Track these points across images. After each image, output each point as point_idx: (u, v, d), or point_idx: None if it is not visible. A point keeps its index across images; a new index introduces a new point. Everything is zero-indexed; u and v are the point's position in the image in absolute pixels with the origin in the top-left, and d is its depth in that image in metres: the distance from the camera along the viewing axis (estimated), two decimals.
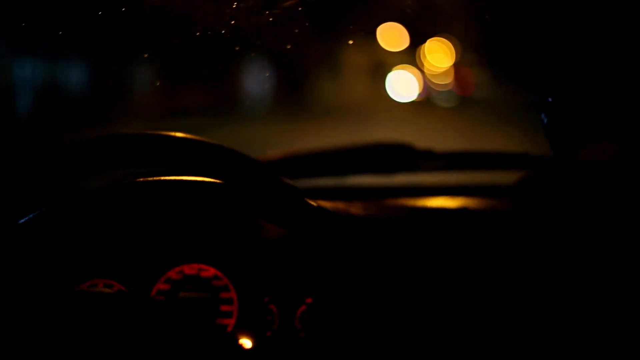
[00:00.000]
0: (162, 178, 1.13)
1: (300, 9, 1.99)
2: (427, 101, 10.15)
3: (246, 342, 1.14)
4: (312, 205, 1.07)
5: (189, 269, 1.14)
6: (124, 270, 1.15)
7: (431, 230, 1.20)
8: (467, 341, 1.11)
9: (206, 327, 1.09)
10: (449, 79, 8.59)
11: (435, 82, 8.99)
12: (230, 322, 1.13)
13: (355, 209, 1.25)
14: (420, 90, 9.01)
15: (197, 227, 1.18)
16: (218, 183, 1.06)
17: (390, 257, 1.18)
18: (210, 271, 1.14)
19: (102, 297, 1.06)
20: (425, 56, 7.76)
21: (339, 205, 1.24)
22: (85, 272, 1.14)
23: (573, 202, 1.23)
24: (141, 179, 1.16)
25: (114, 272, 1.15)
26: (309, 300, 1.12)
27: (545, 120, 1.18)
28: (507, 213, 1.24)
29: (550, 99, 1.17)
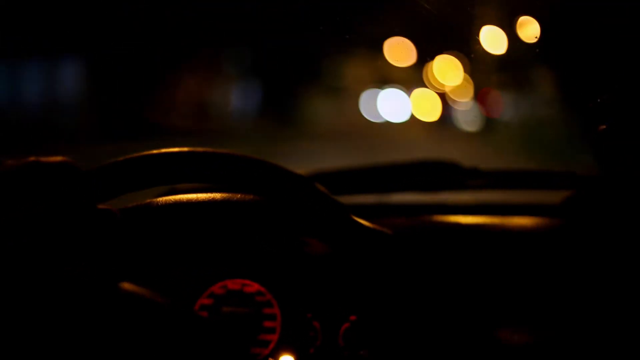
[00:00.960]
0: (206, 195, 1.25)
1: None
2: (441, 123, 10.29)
3: (289, 359, 1.25)
4: (359, 222, 1.17)
5: (233, 284, 1.26)
6: (167, 284, 1.26)
7: (476, 249, 1.31)
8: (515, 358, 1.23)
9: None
10: (469, 97, 8.67)
11: (456, 99, 9.03)
12: (273, 338, 1.23)
13: (400, 226, 1.36)
14: (436, 109, 9.13)
15: (241, 243, 1.30)
16: (263, 199, 1.18)
17: (434, 275, 1.29)
18: (253, 286, 1.26)
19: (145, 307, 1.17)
20: (433, 73, 7.94)
21: (384, 222, 1.31)
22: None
23: (620, 221, 1.30)
24: (185, 195, 1.28)
25: (157, 285, 1.22)
26: (352, 317, 1.22)
27: (593, 140, 1.33)
28: (553, 232, 1.34)
29: (598, 119, 1.33)
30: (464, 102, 8.69)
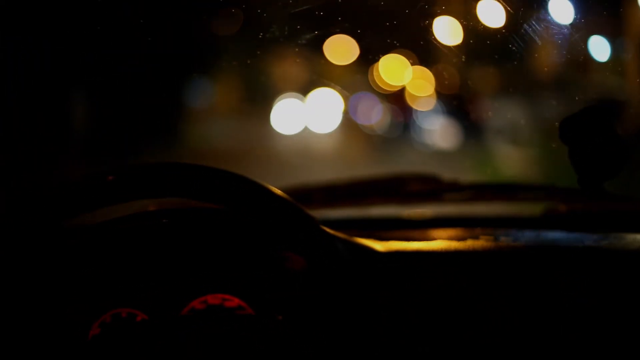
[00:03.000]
0: (183, 209, 1.51)
1: None
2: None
3: None
4: (329, 233, 1.37)
5: (213, 299, 1.48)
6: (147, 299, 1.47)
7: (454, 262, 1.52)
8: None
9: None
10: (429, 92, 8.36)
11: (417, 94, 8.64)
12: None
13: (379, 239, 1.56)
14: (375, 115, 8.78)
15: (221, 257, 1.50)
16: (237, 213, 1.45)
17: (413, 289, 1.49)
18: (234, 301, 1.48)
19: (126, 326, 1.45)
20: (379, 73, 8.09)
21: (362, 235, 1.54)
22: (109, 301, 1.47)
23: (599, 233, 1.53)
24: (163, 209, 1.54)
25: (137, 301, 1.47)
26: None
27: (572, 152, 1.49)
28: (532, 244, 1.56)
29: (576, 130, 1.49)
30: (426, 99, 8.37)
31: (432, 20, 2.50)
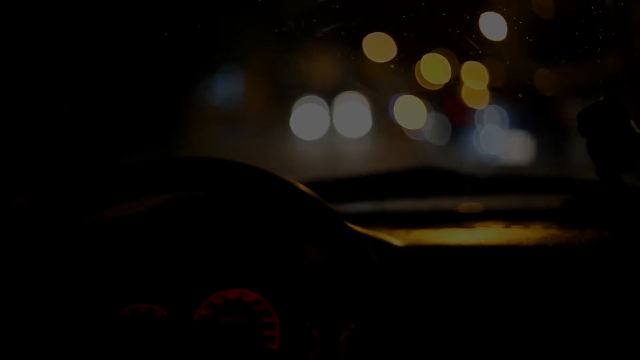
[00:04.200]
0: (202, 204, 1.64)
1: None
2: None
3: None
4: (352, 228, 1.45)
5: (231, 294, 1.61)
6: (166, 294, 1.59)
7: (473, 256, 1.62)
8: None
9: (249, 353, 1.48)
10: (486, 93, 8.16)
11: (471, 95, 8.44)
12: (273, 347, 1.59)
13: (395, 233, 1.67)
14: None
15: (239, 252, 1.62)
16: (258, 207, 1.57)
17: (431, 283, 1.59)
18: (252, 296, 1.60)
19: (145, 321, 1.57)
20: (424, 71, 8.22)
21: (379, 229, 1.65)
22: (128, 296, 1.60)
23: (618, 225, 1.62)
24: (181, 203, 1.67)
25: (156, 296, 1.59)
26: (351, 325, 1.57)
27: (590, 144, 1.60)
28: (551, 237, 1.66)
29: (594, 121, 1.60)
30: (483, 101, 8.03)
31: (488, 14, 2.70)
